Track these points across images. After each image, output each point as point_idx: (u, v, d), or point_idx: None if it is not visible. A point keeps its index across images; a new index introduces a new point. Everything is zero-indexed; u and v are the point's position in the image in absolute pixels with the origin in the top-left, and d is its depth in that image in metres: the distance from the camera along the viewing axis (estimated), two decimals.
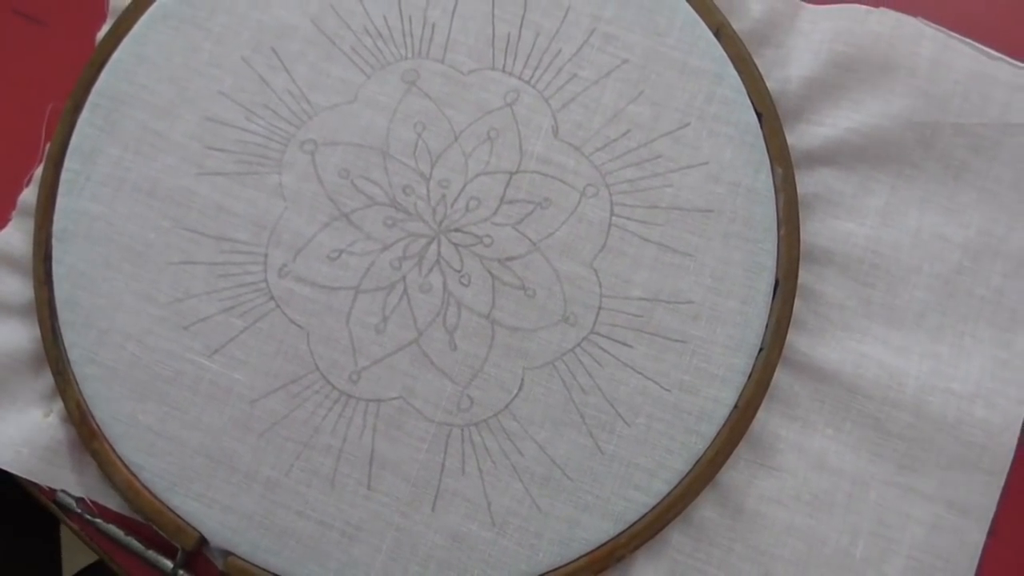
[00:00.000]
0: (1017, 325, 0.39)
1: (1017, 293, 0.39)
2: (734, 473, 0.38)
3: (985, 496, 0.37)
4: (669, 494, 0.37)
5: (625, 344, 0.37)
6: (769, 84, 0.39)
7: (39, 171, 0.41)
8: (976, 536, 0.37)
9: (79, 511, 0.38)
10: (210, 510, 0.37)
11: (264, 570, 0.37)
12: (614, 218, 0.38)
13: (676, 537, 0.37)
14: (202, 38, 0.40)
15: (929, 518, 0.37)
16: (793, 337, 0.38)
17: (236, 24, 0.40)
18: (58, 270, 0.39)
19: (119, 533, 0.37)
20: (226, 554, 0.37)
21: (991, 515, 0.37)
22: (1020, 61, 0.40)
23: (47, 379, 0.39)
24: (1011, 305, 0.39)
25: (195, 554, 0.37)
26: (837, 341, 0.38)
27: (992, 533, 0.37)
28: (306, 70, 0.40)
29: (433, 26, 0.40)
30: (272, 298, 0.38)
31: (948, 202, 0.39)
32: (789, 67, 0.40)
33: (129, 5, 0.41)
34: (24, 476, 0.38)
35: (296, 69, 0.40)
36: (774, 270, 0.38)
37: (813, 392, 0.38)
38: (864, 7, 0.40)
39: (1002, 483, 0.37)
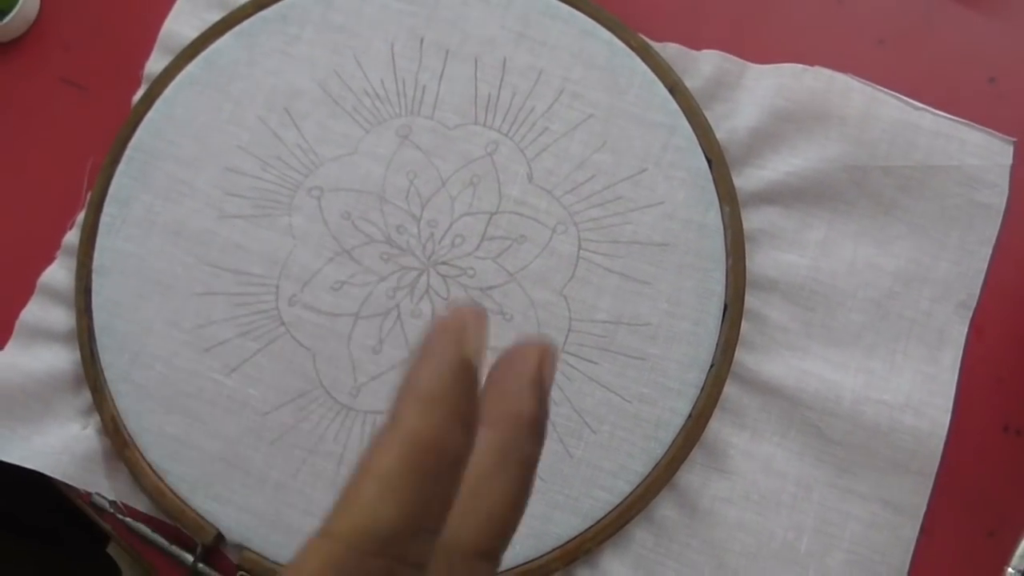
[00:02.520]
0: (943, 344, 0.42)
1: (943, 315, 0.43)
2: (690, 476, 0.41)
3: (916, 495, 0.41)
4: (631, 494, 0.40)
5: (591, 361, 0.42)
6: (718, 134, 0.44)
7: (81, 216, 0.45)
8: (909, 532, 0.41)
9: (111, 511, 0.42)
10: (227, 509, 0.41)
11: (275, 563, 0.40)
12: (581, 252, 0.43)
13: (639, 533, 0.41)
14: (223, 100, 0.45)
15: (866, 516, 0.41)
16: (741, 355, 0.42)
17: (252, 88, 0.45)
18: (96, 301, 0.44)
19: (146, 530, 0.42)
20: (241, 548, 0.41)
21: (922, 512, 0.41)
22: (940, 111, 0.44)
23: (85, 396, 0.43)
24: (938, 326, 0.42)
25: (213, 549, 0.41)
26: (781, 358, 0.42)
27: (923, 529, 0.40)
28: (313, 127, 0.45)
29: (424, 88, 0.45)
30: (283, 324, 0.43)
31: (880, 235, 0.43)
32: (736, 119, 0.44)
33: (160, 73, 0.46)
34: (64, 481, 0.42)
35: (304, 126, 0.45)
36: (723, 296, 0.42)
37: (760, 404, 0.42)
38: (801, 66, 0.44)
39: (931, 484, 0.41)
